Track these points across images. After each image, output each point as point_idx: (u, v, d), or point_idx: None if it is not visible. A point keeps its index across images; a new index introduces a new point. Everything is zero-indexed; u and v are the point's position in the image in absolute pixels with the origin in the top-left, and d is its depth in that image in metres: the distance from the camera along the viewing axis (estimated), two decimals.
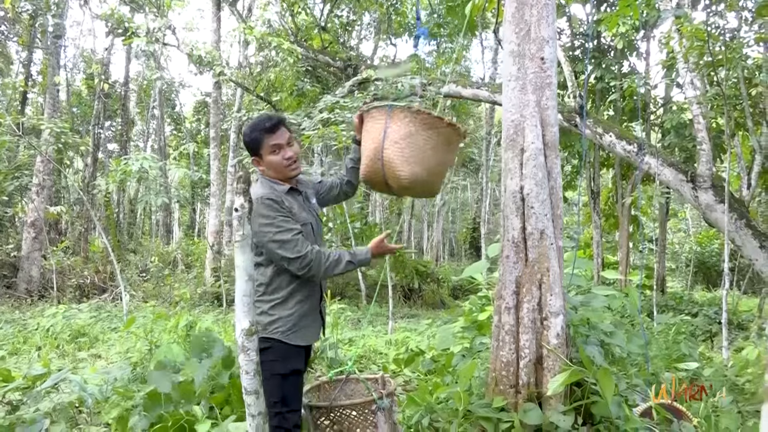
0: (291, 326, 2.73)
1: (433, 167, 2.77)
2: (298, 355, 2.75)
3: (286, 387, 2.72)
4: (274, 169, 2.77)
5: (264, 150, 2.75)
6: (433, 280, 14.91)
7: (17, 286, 11.98)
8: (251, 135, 2.77)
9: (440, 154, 2.79)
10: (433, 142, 2.74)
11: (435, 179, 2.87)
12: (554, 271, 3.16)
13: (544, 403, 3.12)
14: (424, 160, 2.73)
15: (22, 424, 3.03)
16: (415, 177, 2.72)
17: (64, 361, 6.37)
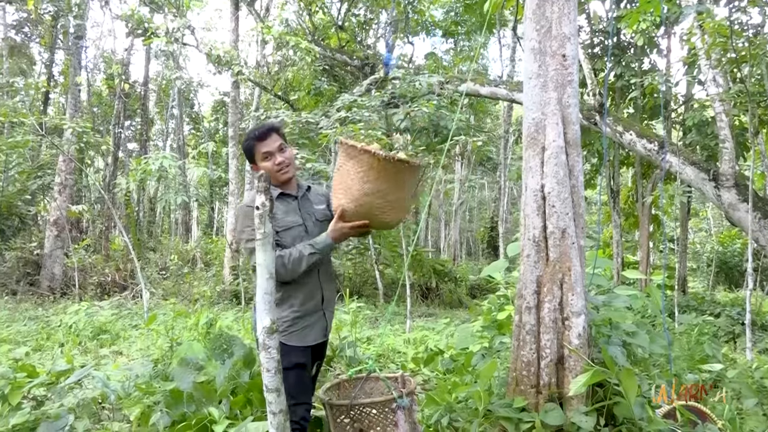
0: (287, 328, 2.83)
1: (359, 198, 2.74)
2: (300, 351, 2.84)
3: (289, 380, 2.75)
4: (268, 172, 2.85)
5: (257, 157, 2.90)
6: (451, 279, 14.87)
7: (40, 283, 12.16)
8: (245, 143, 2.95)
9: (368, 185, 2.73)
10: (356, 172, 2.74)
11: (368, 210, 2.78)
12: (576, 270, 3.12)
13: (566, 403, 3.09)
14: (348, 191, 2.76)
15: (47, 419, 3.07)
16: (341, 206, 2.78)
17: (86, 358, 6.45)
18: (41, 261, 12.47)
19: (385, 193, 2.74)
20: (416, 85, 10.59)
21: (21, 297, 11.46)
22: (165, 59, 22.88)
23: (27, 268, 12.39)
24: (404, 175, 2.78)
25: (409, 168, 2.77)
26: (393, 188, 2.76)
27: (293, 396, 2.79)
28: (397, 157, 2.68)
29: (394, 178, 2.73)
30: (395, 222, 2.92)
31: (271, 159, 2.88)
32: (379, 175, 2.70)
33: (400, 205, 2.84)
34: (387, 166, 2.68)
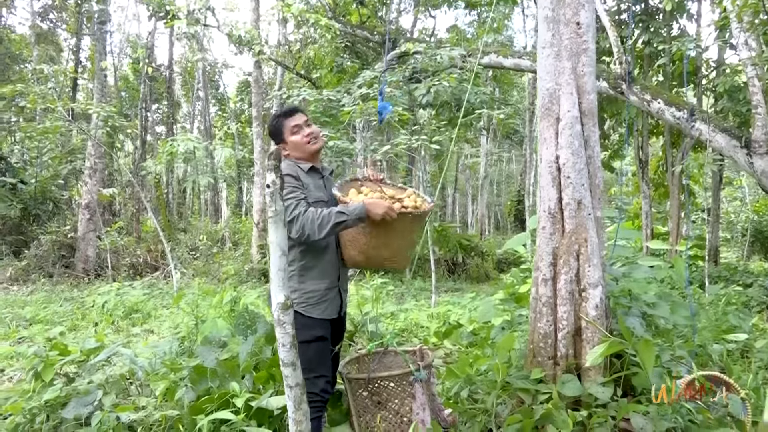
0: (307, 299, 2.88)
1: (367, 251, 2.88)
2: (320, 324, 2.88)
3: (309, 353, 2.83)
4: (297, 147, 2.98)
5: (286, 132, 2.99)
6: (478, 253, 14.83)
7: (75, 265, 12.50)
8: (273, 123, 3.06)
9: (373, 239, 2.85)
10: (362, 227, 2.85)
11: (378, 262, 2.91)
12: (592, 241, 3.10)
13: (583, 374, 3.09)
14: (355, 244, 2.90)
15: (77, 395, 3.19)
16: (352, 260, 2.94)
17: (118, 336, 6.65)
18: (75, 244, 12.80)
19: (392, 241, 2.87)
20: (437, 59, 10.47)
21: (57, 279, 11.81)
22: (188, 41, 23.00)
23: (62, 251, 12.73)
24: (411, 223, 2.89)
25: (415, 217, 2.86)
26: (400, 236, 2.88)
27: (313, 369, 2.84)
28: (402, 211, 2.79)
29: (397, 228, 2.83)
30: (398, 267, 3.07)
31: (300, 132, 2.97)
32: (383, 229, 2.80)
33: (405, 251, 2.97)
34: (394, 222, 2.79)
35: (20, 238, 13.60)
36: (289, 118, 2.99)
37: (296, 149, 3.00)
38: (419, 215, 2.87)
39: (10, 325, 7.29)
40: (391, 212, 2.75)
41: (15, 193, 14.15)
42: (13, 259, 12.65)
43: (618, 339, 2.94)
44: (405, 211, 2.79)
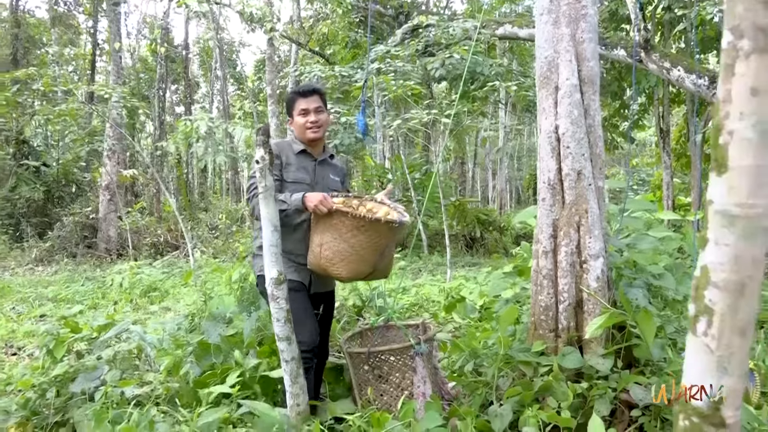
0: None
1: (313, 249, 2.86)
2: (289, 282, 2.82)
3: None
4: (297, 129, 3.08)
5: (295, 111, 3.06)
6: (496, 228, 14.74)
7: (97, 246, 12.74)
8: (289, 97, 3.17)
9: (317, 235, 2.82)
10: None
11: (320, 262, 2.83)
12: (593, 212, 3.05)
13: (585, 346, 3.07)
14: (311, 247, 2.90)
15: (85, 370, 3.26)
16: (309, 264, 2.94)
17: (136, 314, 6.78)
18: (97, 224, 13.02)
19: (334, 243, 2.78)
20: (450, 32, 10.30)
21: (80, 259, 12.05)
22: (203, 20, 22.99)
23: (84, 231, 12.97)
24: (359, 229, 2.76)
25: (362, 222, 2.74)
26: (343, 240, 2.76)
27: (296, 320, 2.79)
28: (339, 208, 2.73)
29: (344, 230, 2.75)
30: (346, 277, 2.91)
31: (306, 116, 3.03)
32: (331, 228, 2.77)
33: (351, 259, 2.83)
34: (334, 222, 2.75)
35: (44, 220, 13.87)
36: (302, 98, 3.04)
37: (297, 130, 3.09)
38: (361, 219, 2.72)
39: (33, 304, 7.48)
40: (322, 205, 2.72)
41: (38, 176, 14.41)
42: (38, 240, 12.92)
43: (618, 311, 2.91)
44: (341, 208, 2.73)
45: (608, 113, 13.60)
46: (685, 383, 0.93)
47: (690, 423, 0.90)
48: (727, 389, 0.88)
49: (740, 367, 0.88)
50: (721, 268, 0.86)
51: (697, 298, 0.92)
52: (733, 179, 0.80)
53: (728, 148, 0.80)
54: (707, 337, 0.90)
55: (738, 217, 0.82)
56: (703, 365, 0.90)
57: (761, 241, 0.83)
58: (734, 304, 0.87)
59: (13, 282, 9.33)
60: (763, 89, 0.78)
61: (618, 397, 2.87)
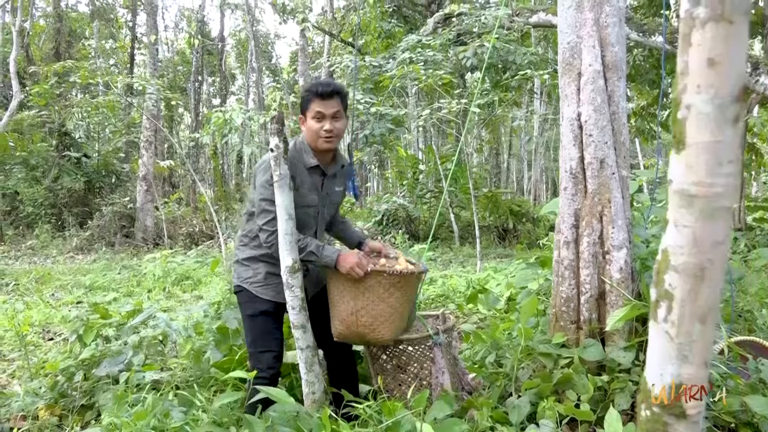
0: (260, 280, 2.76)
1: (346, 317, 2.70)
2: (270, 303, 2.75)
3: (255, 328, 2.75)
4: (310, 134, 2.70)
5: (309, 112, 2.68)
6: (529, 219, 14.56)
7: (135, 235, 13.05)
8: (304, 94, 2.75)
9: (350, 301, 2.66)
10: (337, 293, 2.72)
11: (356, 329, 2.69)
12: (617, 202, 2.97)
13: (607, 339, 3.01)
14: (335, 312, 2.75)
15: (111, 355, 3.35)
16: (335, 331, 2.77)
17: (169, 302, 6.92)
18: (135, 214, 13.34)
19: (371, 305, 2.65)
20: (483, 20, 10.18)
21: (118, 248, 12.36)
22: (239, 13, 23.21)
23: (122, 221, 13.30)
24: (392, 286, 2.63)
25: (394, 278, 2.61)
26: (380, 299, 2.64)
27: (257, 344, 2.73)
28: (375, 269, 2.59)
29: (380, 290, 2.62)
30: (389, 338, 2.80)
31: (322, 122, 2.65)
32: (364, 288, 2.63)
33: (390, 319, 2.71)
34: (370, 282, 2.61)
35: (85, 210, 14.26)
36: (319, 100, 2.64)
37: (308, 134, 2.72)
38: (398, 276, 2.60)
39: (71, 291, 7.71)
40: (359, 268, 2.54)
41: (79, 167, 14.81)
42: (79, 229, 13.30)
43: (642, 303, 2.83)
44: (377, 269, 2.59)
45: (646, 102, 13.27)
46: (646, 373, 0.89)
47: (651, 413, 0.86)
48: (687, 378, 0.84)
49: (701, 355, 0.84)
50: (680, 251, 0.82)
51: (658, 283, 0.88)
52: (690, 157, 0.76)
53: (686, 123, 0.75)
54: (667, 324, 0.86)
55: (696, 197, 0.78)
56: (663, 353, 0.86)
57: (721, 223, 0.78)
58: (694, 289, 0.82)
59: (54, 269, 9.63)
60: (721, 60, 0.73)
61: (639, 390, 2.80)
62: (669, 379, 0.85)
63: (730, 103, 0.75)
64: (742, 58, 0.75)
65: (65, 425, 3.08)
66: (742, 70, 0.75)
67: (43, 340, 5.29)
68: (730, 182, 0.76)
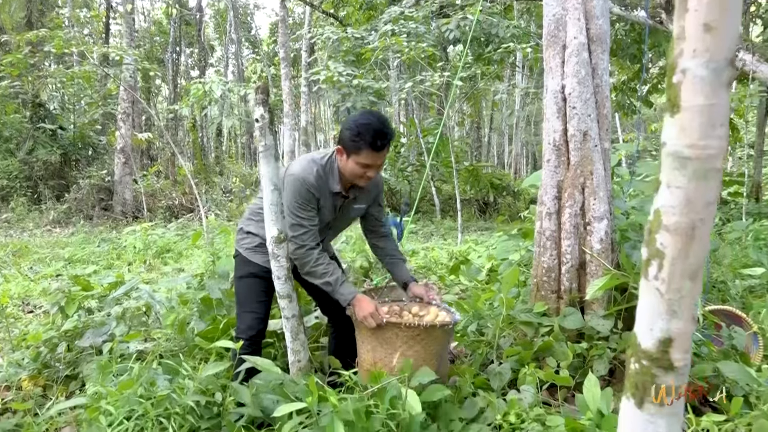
0: (253, 247, 2.81)
1: (364, 366, 2.65)
2: (255, 266, 2.78)
3: (242, 289, 2.82)
4: (349, 172, 2.60)
5: (356, 157, 2.54)
6: (510, 193, 14.68)
7: (113, 208, 12.91)
8: (356, 136, 2.51)
9: (370, 353, 2.61)
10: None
11: None
12: (598, 174, 3.02)
13: (586, 308, 3.07)
14: (360, 362, 2.71)
15: (94, 326, 3.34)
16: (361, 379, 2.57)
17: (150, 275, 6.89)
18: (113, 187, 13.17)
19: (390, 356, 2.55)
20: None
21: (96, 221, 12.23)
22: None
23: (100, 194, 13.13)
24: (414, 338, 2.52)
25: (415, 331, 2.50)
26: (401, 352, 2.53)
27: (242, 304, 2.79)
28: (390, 321, 2.50)
29: (400, 343, 2.52)
30: None
31: (367, 170, 2.56)
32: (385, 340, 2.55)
33: None
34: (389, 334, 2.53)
35: (62, 183, 14.04)
36: (373, 153, 2.51)
37: (347, 171, 2.60)
38: (416, 329, 2.47)
39: (50, 264, 7.63)
40: (373, 318, 2.49)
41: (55, 139, 14.52)
42: (55, 202, 13.10)
43: (621, 272, 2.90)
44: (392, 320, 2.49)
45: (627, 76, 13.35)
46: (636, 328, 0.93)
47: (640, 366, 0.90)
48: (676, 332, 0.87)
49: (689, 310, 0.88)
50: (672, 212, 0.85)
51: (650, 243, 0.91)
52: (685, 120, 0.78)
53: (681, 87, 0.77)
54: (658, 281, 0.90)
55: (690, 159, 0.80)
56: (653, 309, 0.90)
57: (713, 184, 0.81)
58: (685, 247, 0.86)
59: (31, 243, 9.51)
60: (716, 25, 0.75)
61: (617, 357, 2.88)
62: (658, 334, 0.88)
63: (724, 66, 0.77)
64: (736, 23, 0.77)
65: (50, 395, 3.08)
66: (737, 35, 0.77)
67: (23, 313, 5.25)
68: (722, 144, 0.79)
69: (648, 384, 0.89)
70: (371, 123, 2.50)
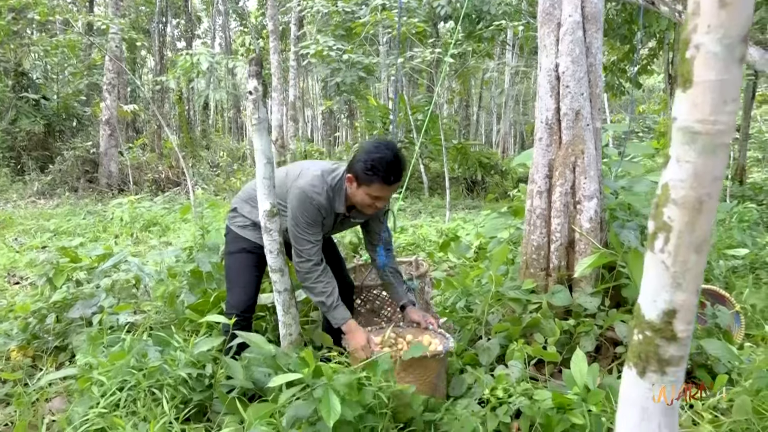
0: (243, 224, 2.82)
1: None
2: (250, 243, 2.78)
3: (232, 264, 2.82)
4: (358, 201, 2.61)
5: (366, 188, 2.54)
6: (498, 172, 14.71)
7: (98, 180, 12.76)
8: (369, 170, 2.49)
9: None
10: None
11: None
12: (590, 153, 3.03)
13: (574, 285, 3.11)
14: None
15: (83, 297, 3.33)
16: None
17: (137, 248, 6.86)
18: (98, 159, 13.01)
19: None
20: None
21: (81, 193, 12.09)
22: None
23: (85, 166, 12.97)
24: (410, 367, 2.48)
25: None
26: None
27: (230, 280, 2.81)
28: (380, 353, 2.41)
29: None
30: None
31: (376, 201, 2.59)
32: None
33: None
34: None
35: (45, 154, 13.83)
36: (385, 187, 2.52)
37: (356, 200, 2.62)
38: (410, 361, 2.42)
39: (35, 235, 7.56)
40: (363, 351, 2.49)
41: (38, 109, 14.27)
42: (40, 174, 12.93)
43: (609, 251, 2.94)
44: (383, 353, 2.41)
45: (617, 57, 13.35)
46: (639, 300, 0.95)
47: (643, 336, 0.92)
48: (680, 304, 0.90)
49: (694, 282, 0.90)
50: (681, 185, 0.87)
51: (657, 216, 0.93)
52: (697, 95, 0.79)
53: (694, 62, 0.79)
54: (664, 254, 0.91)
55: (700, 134, 0.81)
56: (658, 281, 0.92)
57: (721, 159, 0.83)
58: (692, 221, 0.87)
59: (15, 214, 9.40)
60: (731, 1, 0.75)
61: (603, 334, 2.93)
62: (662, 306, 0.91)
63: (738, 42, 0.78)
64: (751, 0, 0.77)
65: (39, 366, 3.08)
66: (751, 12, 0.78)
67: (8, 284, 5.22)
68: (732, 120, 0.80)
69: (651, 354, 0.91)
70: (385, 157, 2.47)
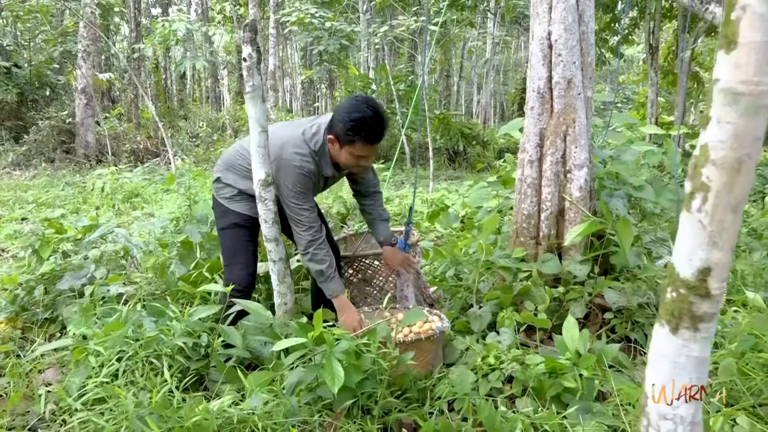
0: (231, 195, 2.78)
1: None
2: (240, 216, 2.76)
3: (226, 240, 2.79)
4: (342, 160, 2.59)
5: (349, 148, 2.51)
6: (479, 142, 14.73)
7: (75, 151, 12.52)
8: (350, 129, 2.45)
9: None
10: None
11: None
12: (581, 122, 3.05)
13: (564, 253, 3.16)
14: None
15: (72, 269, 3.30)
16: None
17: (120, 219, 6.78)
18: (74, 129, 12.74)
19: None
20: None
21: (58, 164, 11.87)
22: None
23: (62, 136, 12.70)
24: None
25: None
26: None
27: (227, 255, 2.78)
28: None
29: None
30: None
31: (360, 160, 2.58)
32: None
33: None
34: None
35: (19, 123, 13.52)
36: (368, 146, 2.50)
37: (341, 159, 2.59)
38: (402, 344, 2.42)
39: (13, 207, 7.43)
40: (356, 332, 2.46)
41: (10, 78, 13.88)
42: (14, 144, 12.64)
43: (598, 219, 2.98)
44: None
45: (599, 27, 13.32)
46: (674, 259, 0.98)
47: (677, 294, 0.95)
48: (715, 262, 0.92)
49: (730, 241, 0.92)
50: (720, 146, 0.89)
51: (695, 177, 0.95)
52: (741, 56, 0.81)
53: (739, 23, 0.80)
54: (701, 213, 0.94)
55: (742, 95, 0.83)
56: (694, 240, 0.94)
57: (762, 120, 0.85)
58: (730, 181, 0.89)
59: None
60: None
61: (593, 301, 2.99)
62: (698, 264, 0.93)
63: None
64: None
65: (29, 338, 3.06)
66: None
67: None
68: None
69: (684, 311, 0.94)
70: (365, 115, 2.44)
